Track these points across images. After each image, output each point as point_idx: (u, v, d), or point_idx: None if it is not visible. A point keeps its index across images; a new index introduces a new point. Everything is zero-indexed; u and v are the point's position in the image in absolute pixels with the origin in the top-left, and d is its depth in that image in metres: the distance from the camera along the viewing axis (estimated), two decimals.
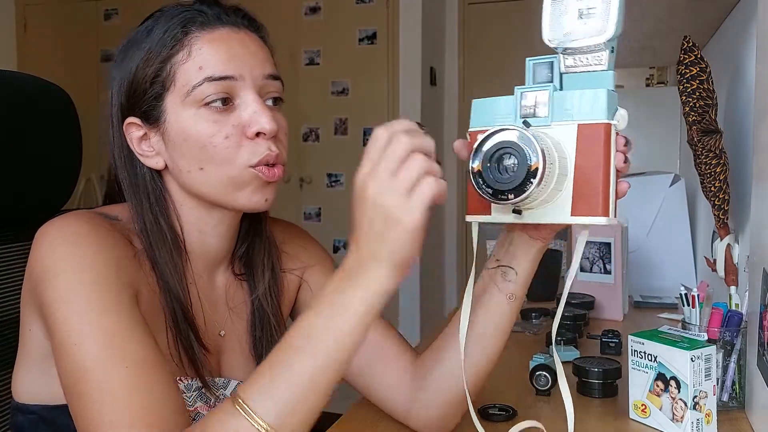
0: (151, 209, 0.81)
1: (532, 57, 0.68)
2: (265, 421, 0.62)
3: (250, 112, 0.78)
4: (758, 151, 0.94)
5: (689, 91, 1.18)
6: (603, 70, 0.65)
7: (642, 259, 1.75)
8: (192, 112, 0.77)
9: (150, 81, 0.79)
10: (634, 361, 0.92)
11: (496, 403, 0.96)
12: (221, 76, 0.77)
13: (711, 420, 0.87)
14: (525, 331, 1.42)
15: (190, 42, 0.78)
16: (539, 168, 0.61)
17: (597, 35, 0.64)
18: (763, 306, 0.87)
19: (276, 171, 0.79)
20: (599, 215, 0.63)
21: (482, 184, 0.63)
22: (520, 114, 0.67)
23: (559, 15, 0.65)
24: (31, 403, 0.81)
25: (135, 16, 0.99)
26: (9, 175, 0.95)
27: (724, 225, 1.20)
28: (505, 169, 0.62)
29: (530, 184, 0.61)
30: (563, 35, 0.65)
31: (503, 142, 0.62)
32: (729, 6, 1.33)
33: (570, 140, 0.65)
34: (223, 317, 0.88)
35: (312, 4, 3.91)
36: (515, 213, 0.66)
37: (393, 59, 3.80)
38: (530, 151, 0.61)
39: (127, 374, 0.68)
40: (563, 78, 0.67)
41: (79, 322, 0.69)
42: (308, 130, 3.96)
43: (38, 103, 1.00)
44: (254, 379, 0.65)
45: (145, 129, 0.81)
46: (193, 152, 0.78)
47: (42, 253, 0.73)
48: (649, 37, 1.67)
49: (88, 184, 4.03)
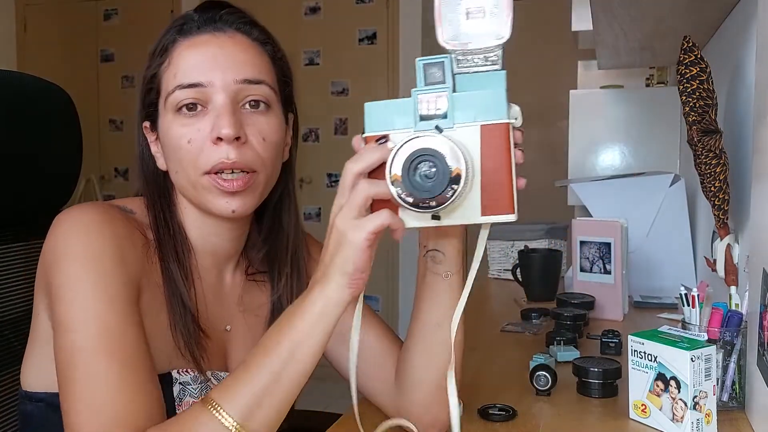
0: (160, 205, 0.84)
1: (422, 57, 0.67)
2: (232, 416, 0.67)
3: (215, 117, 0.79)
4: (758, 151, 0.94)
5: (689, 91, 1.18)
6: (496, 70, 0.65)
7: (642, 259, 1.75)
8: (170, 117, 0.81)
9: (147, 88, 0.83)
10: (634, 361, 0.92)
11: (496, 403, 0.96)
12: (189, 83, 0.79)
13: (711, 420, 0.87)
14: (525, 332, 1.42)
15: (173, 50, 0.81)
16: (461, 173, 0.61)
17: (490, 36, 0.64)
18: (763, 306, 0.87)
19: (236, 182, 0.78)
20: (508, 213, 0.65)
21: (402, 193, 0.63)
22: (419, 117, 0.66)
23: (451, 16, 0.65)
24: (39, 390, 0.84)
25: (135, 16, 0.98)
26: (9, 175, 0.95)
27: (724, 225, 1.20)
28: (423, 176, 0.62)
29: (452, 189, 0.61)
30: (455, 36, 0.65)
31: (422, 149, 0.62)
32: (729, 6, 1.33)
33: (474, 141, 0.65)
34: (230, 314, 0.89)
35: (312, 4, 3.92)
36: (435, 219, 0.66)
37: (393, 59, 3.81)
38: (450, 157, 0.61)
39: (117, 369, 0.70)
40: (456, 78, 0.66)
41: (80, 308, 0.72)
42: (308, 130, 3.96)
43: (38, 103, 1.00)
44: (225, 380, 0.70)
45: (153, 132, 0.85)
46: (171, 155, 0.82)
47: (56, 238, 0.76)
48: (649, 37, 1.67)
49: (88, 185, 4.03)
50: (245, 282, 0.92)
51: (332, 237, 0.68)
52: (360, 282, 0.68)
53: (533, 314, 1.51)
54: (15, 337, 0.97)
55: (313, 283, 0.70)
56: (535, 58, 3.73)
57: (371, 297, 3.73)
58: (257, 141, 0.80)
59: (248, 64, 0.81)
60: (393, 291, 3.80)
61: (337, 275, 0.67)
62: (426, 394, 0.84)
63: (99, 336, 0.71)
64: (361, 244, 0.65)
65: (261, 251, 0.91)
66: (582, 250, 1.58)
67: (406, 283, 3.77)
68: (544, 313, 1.50)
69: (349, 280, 0.67)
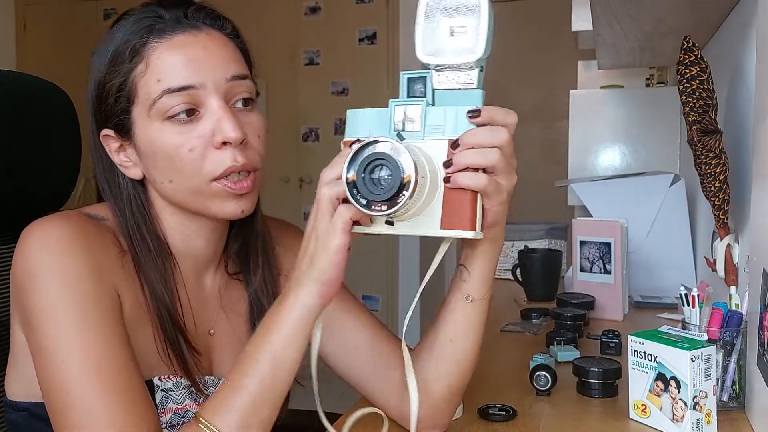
0: (134, 218, 0.81)
1: (407, 71, 0.69)
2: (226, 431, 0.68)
3: (214, 120, 0.76)
4: (758, 151, 0.94)
5: (689, 91, 1.18)
6: (472, 88, 0.67)
7: (642, 259, 1.75)
8: (158, 125, 0.77)
9: (115, 95, 0.78)
10: (634, 361, 0.92)
11: (496, 403, 0.96)
12: (179, 86, 0.75)
13: (711, 420, 0.87)
14: (525, 331, 1.42)
15: (148, 53, 0.76)
16: (411, 180, 0.62)
17: (466, 54, 0.66)
18: (763, 306, 0.87)
19: (245, 183, 0.78)
20: (466, 229, 0.65)
21: (356, 195, 0.64)
22: (394, 127, 0.68)
23: (431, 32, 0.67)
24: (22, 400, 0.82)
25: None
26: (8, 175, 0.95)
27: (724, 225, 1.20)
28: (378, 181, 0.64)
29: (402, 195, 0.62)
30: (434, 52, 0.67)
31: (376, 153, 0.64)
32: (729, 6, 1.33)
33: (441, 155, 0.66)
34: (212, 316, 0.89)
35: (312, 4, 3.91)
36: (388, 224, 0.67)
37: (393, 59, 3.80)
38: (403, 163, 0.62)
39: (108, 391, 0.70)
40: (435, 94, 0.68)
41: (64, 340, 0.71)
42: (308, 130, 3.96)
43: (38, 103, 1.00)
44: (214, 402, 0.71)
45: (121, 141, 0.81)
46: (163, 165, 0.78)
47: (26, 257, 0.74)
48: (649, 37, 1.67)
49: (88, 185, 4.02)
50: (226, 281, 0.90)
51: (309, 245, 0.69)
52: (332, 291, 0.69)
53: (533, 314, 1.51)
54: None
55: (287, 292, 0.71)
56: (535, 58, 3.73)
57: (371, 297, 3.74)
58: (254, 139, 0.79)
59: (231, 61, 0.79)
60: (393, 291, 3.80)
61: (310, 283, 0.68)
62: (432, 402, 0.84)
63: (86, 362, 0.70)
64: (340, 248, 0.67)
65: (235, 243, 0.89)
66: (582, 250, 1.58)
67: (406, 283, 3.77)
68: (544, 313, 1.50)
69: (322, 288, 0.68)
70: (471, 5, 0.66)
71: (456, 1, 0.66)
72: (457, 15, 0.66)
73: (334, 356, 0.90)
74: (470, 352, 0.81)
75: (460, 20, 0.66)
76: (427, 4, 0.67)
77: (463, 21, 0.66)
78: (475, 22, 0.65)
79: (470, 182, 0.65)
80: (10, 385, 0.84)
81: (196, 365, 0.82)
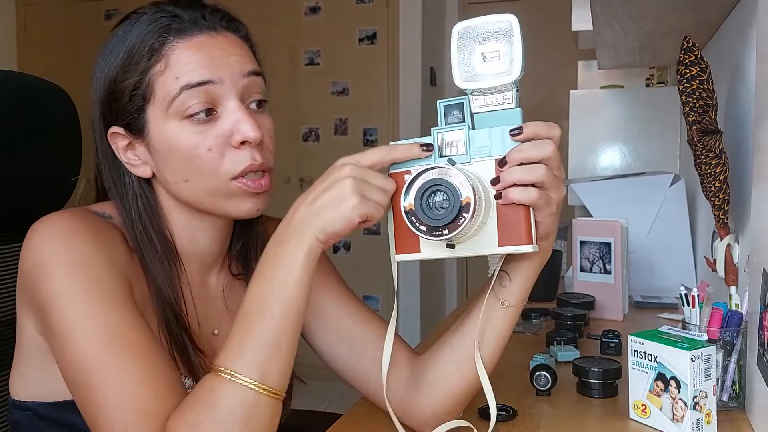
0: (140, 218, 0.81)
1: (443, 99, 0.71)
2: (250, 377, 0.67)
3: (233, 120, 0.77)
4: (758, 151, 0.94)
5: (689, 91, 1.18)
6: (511, 108, 0.69)
7: (642, 259, 1.75)
8: (175, 124, 0.77)
9: (129, 93, 0.78)
10: (634, 361, 0.92)
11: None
12: (198, 81, 0.76)
13: (711, 420, 0.87)
14: (525, 331, 1.42)
15: (167, 52, 0.77)
16: (471, 202, 0.64)
17: (503, 77, 0.68)
18: (763, 306, 0.87)
19: (263, 182, 0.79)
20: (524, 243, 0.68)
21: (416, 222, 0.66)
22: (439, 154, 0.70)
23: (466, 58, 0.69)
24: (27, 399, 0.82)
25: None
26: (9, 175, 0.95)
27: (724, 225, 1.20)
28: (436, 206, 0.66)
29: (463, 218, 0.64)
30: (471, 78, 0.69)
31: (433, 180, 0.66)
32: (729, 6, 1.33)
33: (489, 175, 0.68)
34: (217, 316, 0.89)
35: (312, 4, 3.91)
36: (449, 248, 0.69)
37: (393, 59, 3.80)
38: (459, 187, 0.64)
39: (132, 365, 0.69)
40: (474, 117, 0.70)
41: (79, 316, 0.70)
42: (308, 130, 3.96)
43: (38, 103, 1.00)
44: (226, 349, 0.69)
45: (130, 138, 0.80)
46: (178, 164, 0.78)
47: (35, 248, 0.74)
48: (649, 37, 1.67)
49: (88, 185, 4.03)
50: (230, 281, 0.91)
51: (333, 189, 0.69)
52: (334, 242, 0.70)
53: (533, 314, 1.51)
54: (14, 337, 0.97)
55: (289, 233, 0.70)
56: (535, 58, 3.73)
57: (371, 297, 3.73)
58: (268, 140, 0.81)
59: (247, 58, 0.80)
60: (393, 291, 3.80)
61: (317, 230, 0.68)
62: (444, 399, 0.84)
63: (106, 337, 0.70)
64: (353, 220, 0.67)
65: (238, 243, 0.90)
66: (582, 250, 1.58)
67: (406, 283, 3.77)
68: (544, 313, 1.50)
69: (326, 238, 0.69)
70: (502, 30, 0.68)
71: (486, 27, 0.69)
72: (489, 42, 0.69)
73: (332, 351, 0.91)
74: (495, 356, 0.82)
75: (493, 45, 0.68)
76: (458, 33, 0.69)
77: (495, 46, 0.68)
78: (508, 45, 0.68)
79: (521, 197, 0.67)
80: (15, 384, 0.84)
81: (201, 365, 0.82)
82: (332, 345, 0.90)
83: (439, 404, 0.84)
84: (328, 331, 0.90)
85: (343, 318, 0.90)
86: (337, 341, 0.90)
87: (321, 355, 0.92)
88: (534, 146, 0.67)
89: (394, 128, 3.80)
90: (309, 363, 0.91)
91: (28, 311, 0.78)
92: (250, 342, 0.68)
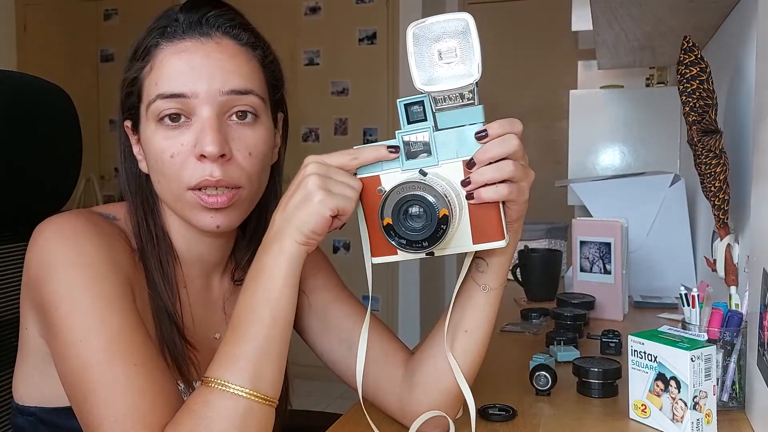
0: (143, 209, 0.82)
1: (402, 98, 0.71)
2: (241, 385, 0.67)
3: (198, 131, 0.76)
4: (758, 151, 0.94)
5: (689, 91, 1.18)
6: (472, 104, 0.69)
7: (642, 259, 1.75)
8: (152, 126, 0.78)
9: (127, 90, 0.80)
10: (634, 361, 0.92)
11: (496, 403, 0.96)
12: (171, 93, 0.75)
13: (711, 420, 0.87)
14: (525, 331, 1.42)
15: (156, 55, 0.77)
16: (448, 214, 0.65)
17: (464, 78, 0.67)
18: (763, 306, 0.87)
19: (220, 198, 0.76)
20: (497, 239, 0.70)
21: (395, 236, 0.67)
22: (406, 156, 0.70)
23: (424, 60, 0.68)
24: (30, 404, 0.82)
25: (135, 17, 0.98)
26: (9, 175, 0.95)
27: (724, 225, 1.20)
28: (413, 218, 0.66)
29: (442, 230, 0.65)
30: (429, 80, 0.68)
31: (408, 196, 0.66)
32: (729, 6, 1.33)
33: (458, 176, 0.69)
34: (218, 321, 0.88)
35: (312, 4, 3.91)
36: (429, 255, 0.70)
37: (393, 59, 3.80)
38: (436, 201, 0.65)
39: (134, 372, 0.69)
40: (437, 116, 0.70)
41: (82, 318, 0.70)
42: (308, 130, 3.96)
43: (38, 103, 1.00)
44: (218, 359, 0.69)
45: (135, 135, 0.82)
46: (153, 165, 0.79)
47: (40, 249, 0.74)
48: (649, 37, 1.67)
49: (88, 184, 4.03)
50: (232, 288, 0.90)
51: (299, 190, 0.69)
52: (315, 242, 0.70)
53: (533, 314, 1.51)
54: (15, 338, 0.97)
55: (269, 240, 0.71)
56: (535, 58, 3.73)
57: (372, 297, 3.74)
58: (243, 156, 0.78)
59: (235, 74, 0.77)
60: (393, 291, 3.80)
61: (294, 232, 0.69)
62: (440, 396, 0.84)
63: (109, 342, 0.69)
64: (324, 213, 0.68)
65: (247, 253, 0.89)
66: (582, 250, 1.58)
67: (405, 283, 3.77)
68: (544, 313, 1.50)
69: (305, 239, 0.69)
70: (458, 29, 0.67)
71: (441, 27, 0.68)
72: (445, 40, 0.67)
73: (328, 349, 0.91)
74: (482, 344, 0.82)
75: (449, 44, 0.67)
76: (414, 33, 0.68)
77: (451, 44, 0.67)
78: (465, 44, 0.67)
79: (493, 195, 0.68)
80: (18, 388, 0.83)
81: (197, 368, 0.82)
82: (333, 345, 0.90)
83: (434, 401, 0.84)
84: (329, 332, 0.90)
85: (344, 319, 0.90)
86: (337, 342, 0.90)
87: (321, 356, 0.92)
88: (499, 144, 0.68)
89: (393, 128, 3.79)
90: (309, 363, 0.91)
91: (32, 313, 0.78)
92: (239, 350, 0.68)
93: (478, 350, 0.82)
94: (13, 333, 0.96)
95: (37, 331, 0.78)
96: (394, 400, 0.88)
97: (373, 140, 3.84)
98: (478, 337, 0.81)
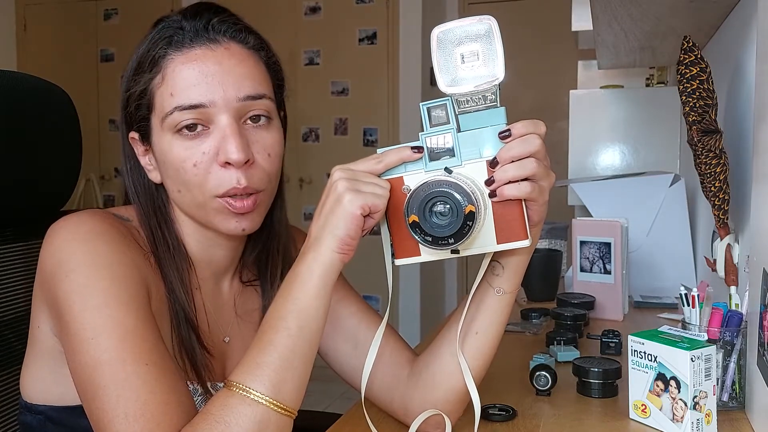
0: (156, 217, 0.82)
1: (426, 102, 0.71)
2: (261, 392, 0.66)
3: (219, 138, 0.76)
4: (758, 151, 0.94)
5: (689, 91, 1.18)
6: (495, 106, 0.70)
7: (642, 259, 1.75)
8: (168, 137, 0.78)
9: (135, 102, 0.80)
10: (634, 361, 0.92)
11: (496, 403, 0.96)
12: (190, 105, 0.76)
13: (711, 420, 0.87)
14: (525, 331, 1.42)
15: (165, 65, 0.77)
16: (474, 210, 0.65)
17: (486, 78, 0.69)
18: (763, 306, 0.87)
19: (246, 203, 0.78)
20: (521, 239, 0.70)
21: (421, 233, 0.67)
22: (430, 158, 0.71)
23: (448, 62, 0.70)
24: (39, 403, 0.82)
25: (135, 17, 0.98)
26: (9, 175, 0.95)
27: (724, 225, 1.20)
28: (439, 215, 0.67)
29: (468, 227, 0.66)
30: (454, 81, 0.69)
31: (434, 192, 0.66)
32: (729, 6, 1.33)
33: (482, 176, 0.70)
34: (228, 323, 0.89)
35: (312, 4, 3.91)
36: (454, 253, 0.70)
37: (393, 59, 3.80)
38: (462, 197, 0.65)
39: (145, 371, 0.69)
40: (459, 118, 0.71)
41: (96, 316, 0.70)
42: (308, 130, 3.96)
43: (38, 103, 1.00)
44: (243, 364, 0.69)
45: (144, 145, 0.82)
46: (172, 174, 0.79)
47: (56, 248, 0.74)
48: (649, 37, 1.67)
49: (88, 184, 4.03)
50: (241, 289, 0.91)
51: (330, 196, 0.70)
52: (350, 249, 0.70)
53: (533, 314, 1.51)
54: (15, 338, 0.97)
55: (305, 249, 0.71)
56: (535, 58, 3.73)
57: (371, 297, 3.73)
58: (263, 158, 0.79)
59: (247, 78, 0.78)
60: (393, 291, 3.80)
61: (329, 238, 0.69)
62: (445, 396, 0.84)
63: (122, 341, 0.69)
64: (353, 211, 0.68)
65: (253, 252, 0.90)
66: (582, 250, 1.58)
67: (406, 283, 3.77)
68: (544, 313, 1.50)
69: (340, 245, 0.69)
70: (482, 32, 0.68)
71: (465, 30, 0.69)
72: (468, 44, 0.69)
73: (332, 347, 0.91)
74: (492, 347, 0.82)
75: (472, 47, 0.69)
76: (437, 37, 0.69)
77: (474, 47, 0.69)
78: (488, 46, 0.68)
79: (516, 192, 0.68)
80: (26, 386, 0.84)
81: (210, 371, 0.82)
82: (337, 344, 0.90)
83: (439, 401, 0.84)
84: (335, 330, 0.90)
85: (349, 318, 0.91)
86: (342, 340, 0.90)
87: (324, 355, 0.92)
88: (522, 143, 0.68)
89: (394, 128, 3.80)
90: None
91: (45, 312, 0.78)
92: (263, 358, 0.68)
93: (488, 352, 0.82)
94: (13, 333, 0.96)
95: (51, 330, 0.78)
96: (397, 398, 0.88)
97: (373, 140, 3.84)
98: (489, 340, 0.82)
